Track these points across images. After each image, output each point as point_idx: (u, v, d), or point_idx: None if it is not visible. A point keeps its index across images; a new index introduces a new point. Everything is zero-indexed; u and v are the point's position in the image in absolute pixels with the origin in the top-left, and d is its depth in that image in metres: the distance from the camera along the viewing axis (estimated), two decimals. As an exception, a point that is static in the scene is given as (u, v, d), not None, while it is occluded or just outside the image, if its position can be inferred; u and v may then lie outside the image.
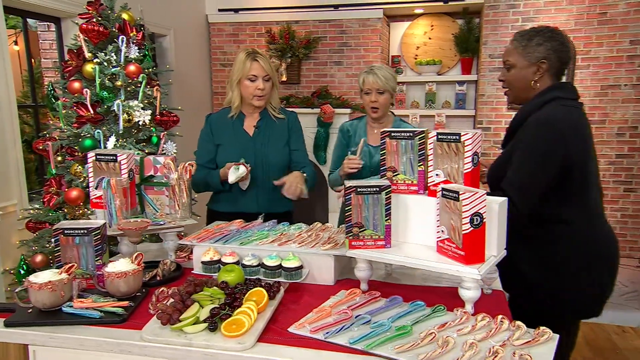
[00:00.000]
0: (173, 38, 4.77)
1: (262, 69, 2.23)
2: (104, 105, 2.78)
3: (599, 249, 1.82)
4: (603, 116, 4.74)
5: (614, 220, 4.82)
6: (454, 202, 1.36)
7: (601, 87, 4.70)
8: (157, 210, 1.88)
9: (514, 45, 1.81)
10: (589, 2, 4.62)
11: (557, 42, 1.77)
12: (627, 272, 4.46)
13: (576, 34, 4.66)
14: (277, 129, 2.36)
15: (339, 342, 1.23)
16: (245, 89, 2.26)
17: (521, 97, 1.85)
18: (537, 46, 1.76)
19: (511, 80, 1.84)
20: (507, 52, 1.85)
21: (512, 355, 1.12)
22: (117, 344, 1.28)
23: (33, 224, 2.82)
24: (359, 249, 1.52)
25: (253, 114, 2.36)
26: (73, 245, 1.55)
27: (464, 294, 1.37)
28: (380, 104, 2.40)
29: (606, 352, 3.13)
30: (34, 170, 4.58)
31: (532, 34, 1.79)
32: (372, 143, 2.47)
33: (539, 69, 1.77)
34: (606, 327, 3.45)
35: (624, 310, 3.70)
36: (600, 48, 4.65)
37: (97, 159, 1.77)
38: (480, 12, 5.08)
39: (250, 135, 2.33)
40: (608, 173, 4.79)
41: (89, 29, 2.77)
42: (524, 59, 1.78)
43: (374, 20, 5.06)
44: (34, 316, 1.38)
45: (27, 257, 2.77)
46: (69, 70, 2.86)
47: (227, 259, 1.60)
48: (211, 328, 1.26)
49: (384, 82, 2.36)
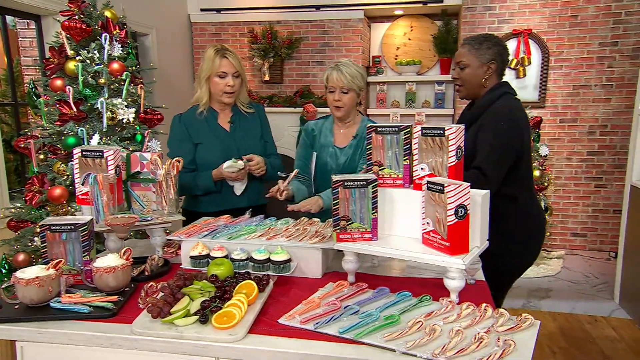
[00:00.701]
0: (155, 37, 4.70)
1: (232, 66, 2.21)
2: (87, 103, 2.73)
3: (537, 222, 2.15)
4: (575, 115, 4.85)
5: (586, 215, 4.94)
6: (439, 195, 1.38)
7: (573, 87, 4.81)
8: (144, 206, 1.86)
9: (467, 49, 2.07)
10: (561, 5, 4.72)
11: (501, 47, 2.07)
12: (597, 265, 4.58)
13: (549, 35, 4.77)
14: (251, 123, 2.37)
15: (329, 332, 1.23)
16: (214, 85, 2.24)
17: (472, 93, 2.12)
18: (487, 49, 2.04)
19: (465, 78, 2.09)
20: (461, 54, 2.09)
21: (497, 340, 1.14)
22: (108, 337, 1.26)
23: (15, 223, 2.75)
24: (347, 242, 1.53)
25: (224, 110, 2.34)
26: (60, 241, 1.52)
27: (449, 283, 1.39)
28: (344, 103, 2.17)
29: (580, 341, 3.21)
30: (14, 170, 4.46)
31: (482, 39, 2.07)
32: (338, 144, 2.28)
33: (489, 68, 2.05)
34: (579, 317, 3.54)
35: (595, 300, 3.80)
36: (572, 50, 4.76)
37: (83, 155, 1.74)
38: (458, 14, 5.15)
39: (228, 131, 2.32)
40: (580, 170, 4.91)
41: (71, 26, 2.71)
42: (477, 59, 2.05)
43: (355, 21, 5.09)
44: (21, 312, 1.35)
45: (9, 257, 2.70)
46: (51, 68, 2.80)
47: (215, 253, 1.59)
48: (202, 320, 1.25)
49: (349, 81, 2.12)
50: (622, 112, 4.72)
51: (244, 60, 5.36)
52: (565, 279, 4.26)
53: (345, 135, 2.28)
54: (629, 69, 4.65)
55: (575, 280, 4.22)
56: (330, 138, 2.29)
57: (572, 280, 4.21)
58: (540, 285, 4.08)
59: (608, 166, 4.85)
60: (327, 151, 2.28)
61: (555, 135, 4.91)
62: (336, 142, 2.29)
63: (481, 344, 1.14)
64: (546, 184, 4.36)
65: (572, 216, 4.99)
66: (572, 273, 4.39)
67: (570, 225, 5.00)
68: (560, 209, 4.98)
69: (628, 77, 4.66)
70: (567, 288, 4.05)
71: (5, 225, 2.78)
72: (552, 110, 4.88)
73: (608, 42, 4.67)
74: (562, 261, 4.65)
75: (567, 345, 3.15)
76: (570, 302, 3.76)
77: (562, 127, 4.89)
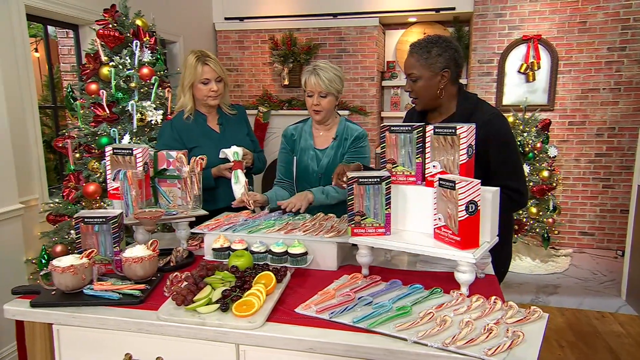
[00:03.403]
0: (182, 44, 4.75)
1: (214, 72, 2.16)
2: (119, 106, 2.77)
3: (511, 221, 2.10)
4: (583, 118, 4.74)
5: (593, 214, 4.83)
6: (451, 191, 1.35)
7: (581, 90, 4.70)
8: (170, 201, 1.87)
9: (416, 59, 1.76)
10: (570, 12, 4.62)
11: (452, 49, 1.76)
12: (605, 262, 4.46)
13: (558, 41, 4.67)
14: (236, 123, 2.34)
15: (344, 322, 1.22)
16: (198, 92, 2.18)
17: (430, 104, 1.83)
18: (437, 57, 1.73)
19: (418, 91, 1.80)
20: (411, 65, 1.78)
21: (506, 332, 1.12)
22: (135, 323, 1.27)
23: (53, 217, 2.81)
24: (361, 236, 1.51)
25: (211, 112, 2.30)
26: (92, 233, 1.53)
27: (459, 277, 1.36)
28: (322, 107, 2.07)
29: (588, 336, 3.13)
30: (53, 169, 4.56)
31: (430, 45, 1.75)
32: (318, 146, 2.19)
33: (443, 77, 1.76)
34: (587, 313, 3.45)
35: (602, 297, 3.70)
36: (581, 54, 4.65)
37: (114, 153, 1.75)
38: (469, 21, 5.08)
39: (218, 132, 2.29)
40: (588, 171, 4.80)
41: (106, 34, 2.76)
42: (429, 70, 1.75)
43: (371, 28, 5.06)
44: (57, 297, 1.37)
45: (48, 248, 2.76)
46: (87, 73, 2.85)
47: (236, 246, 1.59)
48: (223, 308, 1.25)
49: (327, 85, 2.03)
50: (630, 115, 4.60)
51: (265, 65, 5.38)
52: (573, 276, 4.16)
53: (325, 137, 2.20)
54: (636, 73, 4.53)
55: (583, 277, 4.12)
56: (310, 141, 2.19)
57: (580, 278, 4.11)
58: (548, 282, 4.00)
59: (616, 167, 4.72)
60: (307, 154, 2.18)
61: (564, 137, 4.81)
62: (316, 145, 2.19)
63: (490, 334, 1.11)
64: (555, 184, 4.27)
65: (580, 215, 4.88)
66: (580, 270, 4.29)
67: (578, 224, 4.89)
68: (569, 209, 4.87)
69: (636, 80, 4.53)
70: (575, 285, 3.95)
71: (45, 219, 2.84)
72: (561, 113, 4.78)
73: (616, 47, 4.55)
74: (570, 259, 4.55)
75: (575, 340, 3.07)
76: (578, 298, 3.67)
77: (570, 129, 4.79)
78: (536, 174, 4.20)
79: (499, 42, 4.83)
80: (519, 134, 4.23)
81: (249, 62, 5.44)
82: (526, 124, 4.26)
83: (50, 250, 2.74)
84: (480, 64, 4.90)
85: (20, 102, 2.97)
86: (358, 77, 5.18)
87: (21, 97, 2.98)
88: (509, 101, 4.85)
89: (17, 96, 2.94)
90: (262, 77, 5.44)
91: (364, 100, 5.20)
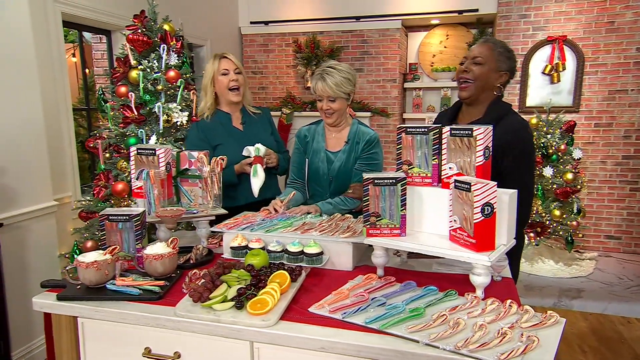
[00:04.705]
0: (209, 48, 4.81)
1: (232, 63, 2.25)
2: (146, 107, 2.82)
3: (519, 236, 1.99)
4: (610, 119, 4.57)
5: (620, 218, 4.64)
6: (466, 193, 1.32)
7: (609, 92, 4.53)
8: (192, 200, 1.89)
9: (489, 48, 1.81)
10: (598, 12, 4.46)
11: (516, 63, 1.87)
12: (632, 267, 4.29)
13: (585, 41, 4.51)
14: (260, 122, 2.38)
15: (356, 322, 1.20)
16: (219, 84, 2.25)
17: (478, 95, 1.83)
18: (506, 59, 1.82)
19: (478, 74, 1.80)
20: (481, 51, 1.81)
21: (520, 336, 1.08)
22: (154, 318, 1.28)
23: (85, 214, 2.87)
24: (376, 237, 1.49)
25: (235, 112, 2.34)
26: (117, 230, 1.56)
27: (474, 279, 1.32)
28: (333, 110, 2.05)
29: (612, 341, 3.01)
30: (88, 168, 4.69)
31: (504, 45, 1.84)
32: (330, 149, 2.15)
33: (502, 77, 1.82)
34: (612, 318, 3.32)
35: (629, 302, 3.55)
36: (608, 55, 4.49)
37: (139, 153, 1.78)
38: (493, 22, 4.97)
39: (241, 131, 2.32)
40: (615, 173, 4.62)
41: (135, 39, 2.81)
42: (495, 62, 1.80)
43: (393, 30, 5.00)
44: (82, 292, 1.40)
45: (80, 243, 2.82)
46: (117, 76, 2.91)
47: (253, 245, 1.59)
48: (238, 306, 1.25)
49: (334, 90, 1.99)
50: (659, 116, 4.41)
51: (289, 68, 5.40)
52: (598, 280, 4.01)
53: (337, 139, 2.16)
54: (667, 74, 4.34)
55: (608, 281, 3.97)
56: (322, 143, 2.16)
57: (605, 282, 3.96)
58: (571, 286, 3.86)
59: (644, 170, 4.54)
60: (319, 156, 2.15)
61: (589, 139, 4.64)
62: (328, 147, 2.16)
63: (504, 338, 1.07)
64: (579, 186, 4.12)
65: (606, 219, 4.70)
66: (605, 275, 4.13)
67: (604, 227, 4.71)
68: (594, 212, 4.70)
69: (666, 81, 4.34)
70: (600, 289, 3.81)
71: (78, 216, 2.91)
72: (586, 115, 4.62)
73: (646, 47, 4.37)
74: (595, 263, 4.39)
75: (598, 345, 2.96)
76: (603, 303, 3.53)
77: (596, 131, 4.62)
78: (560, 176, 4.06)
79: (523, 44, 4.70)
80: (542, 135, 4.10)
81: (273, 64, 5.46)
82: (550, 126, 4.13)
83: (81, 246, 2.81)
84: (504, 66, 4.78)
85: (55, 104, 3.06)
86: (380, 79, 5.14)
87: (56, 100, 3.07)
88: (532, 103, 4.72)
89: (53, 99, 3.04)
90: (286, 80, 5.46)
91: (386, 102, 5.15)
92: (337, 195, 2.09)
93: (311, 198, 2.18)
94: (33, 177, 2.70)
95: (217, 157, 1.87)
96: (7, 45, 2.51)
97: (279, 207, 1.92)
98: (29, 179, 2.67)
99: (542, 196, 4.07)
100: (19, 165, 2.60)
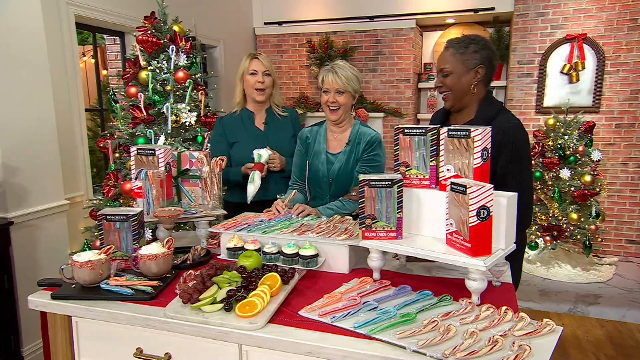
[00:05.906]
0: (223, 49, 4.84)
1: (262, 64, 2.31)
2: (155, 108, 2.84)
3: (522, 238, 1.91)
4: (632, 120, 4.42)
5: (643, 221, 4.48)
6: (462, 196, 1.28)
7: (630, 91, 4.38)
8: (192, 200, 1.89)
9: (451, 53, 1.75)
10: (619, 9, 4.31)
11: (490, 50, 1.75)
12: (655, 273, 4.13)
13: (605, 39, 4.38)
14: (283, 124, 2.41)
15: (344, 327, 1.17)
16: (246, 83, 2.33)
17: (460, 103, 1.80)
18: (473, 53, 1.72)
19: (450, 85, 1.76)
20: (444, 59, 1.76)
21: (512, 345, 1.04)
22: (144, 318, 1.28)
23: (95, 213, 2.92)
24: (372, 240, 1.46)
25: (260, 112, 2.40)
26: (114, 229, 1.57)
27: (470, 284, 1.28)
28: (339, 104, 2.01)
29: (629, 349, 2.90)
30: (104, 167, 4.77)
31: (467, 41, 1.74)
32: (331, 150, 2.12)
33: (477, 74, 1.74)
34: (630, 326, 3.20)
35: (649, 310, 3.42)
36: (630, 54, 4.34)
37: (139, 153, 1.79)
38: (510, 21, 4.86)
39: (262, 130, 2.37)
40: (637, 176, 4.46)
41: (144, 40, 2.84)
42: (462, 65, 1.73)
43: (407, 30, 4.95)
44: (76, 291, 1.41)
45: (90, 242, 2.87)
46: (128, 77, 2.95)
47: (249, 246, 1.58)
48: (226, 308, 1.24)
49: (344, 83, 1.98)
50: (684, 117, 4.24)
51: (302, 68, 5.39)
52: (617, 286, 3.87)
53: (338, 141, 2.13)
54: (693, 72, 4.16)
55: (628, 288, 3.83)
56: (323, 144, 2.13)
57: (625, 288, 3.82)
58: (589, 291, 3.74)
59: (668, 172, 4.37)
60: (319, 158, 2.12)
61: (610, 140, 4.49)
62: (329, 148, 2.14)
63: (495, 346, 1.03)
64: (598, 189, 3.99)
65: (627, 223, 4.54)
66: (625, 280, 3.99)
67: (625, 232, 4.56)
68: (615, 215, 4.54)
69: (692, 80, 4.17)
70: (619, 295, 3.68)
71: (88, 215, 2.96)
72: (607, 115, 4.47)
73: (670, 44, 4.21)
74: (615, 268, 4.24)
75: (615, 354, 2.85)
76: (621, 310, 3.41)
77: (618, 132, 4.47)
78: (577, 178, 3.94)
79: (541, 42, 4.58)
80: (560, 136, 3.99)
81: (286, 65, 5.47)
82: (567, 127, 4.01)
83: (92, 244, 2.85)
84: (520, 65, 4.67)
85: (68, 105, 3.12)
86: (394, 79, 5.08)
87: (69, 100, 3.13)
88: (550, 103, 4.60)
89: (65, 100, 3.10)
90: (299, 80, 5.45)
91: (400, 102, 5.09)
92: (337, 197, 2.06)
93: (312, 200, 2.16)
94: (45, 177, 2.76)
95: (216, 158, 1.86)
96: (20, 46, 2.57)
97: (281, 208, 1.91)
98: (41, 178, 2.73)
99: (559, 199, 3.95)
100: (31, 164, 2.66)
